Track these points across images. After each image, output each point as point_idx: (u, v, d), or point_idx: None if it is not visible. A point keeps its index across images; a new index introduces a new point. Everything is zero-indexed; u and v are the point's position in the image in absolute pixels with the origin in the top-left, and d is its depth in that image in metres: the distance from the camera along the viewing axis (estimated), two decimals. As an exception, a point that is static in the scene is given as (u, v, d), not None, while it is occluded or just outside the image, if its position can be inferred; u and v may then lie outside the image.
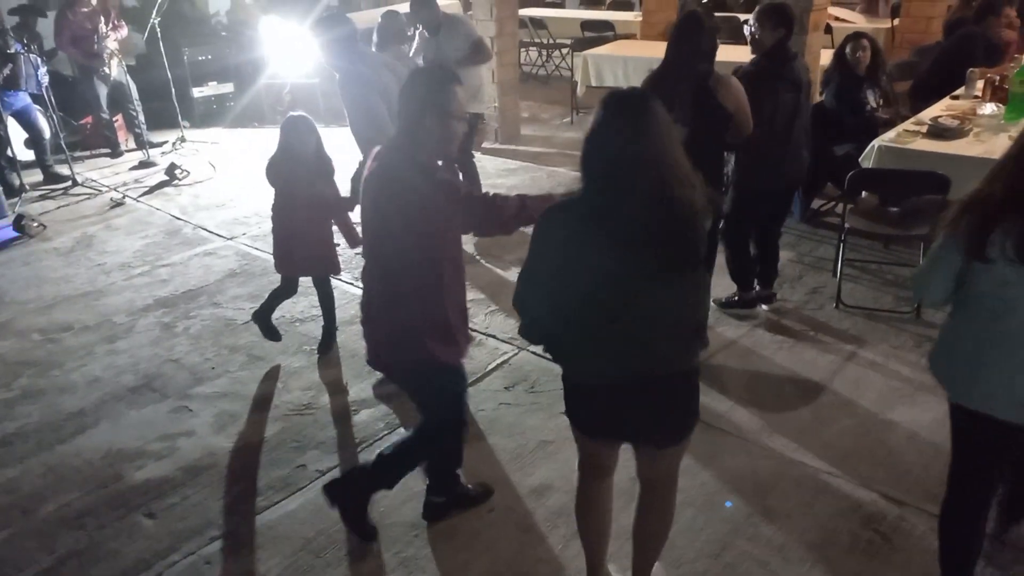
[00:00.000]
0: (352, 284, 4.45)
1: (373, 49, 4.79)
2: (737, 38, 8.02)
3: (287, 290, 3.82)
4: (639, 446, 2.12)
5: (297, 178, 3.49)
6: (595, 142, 1.85)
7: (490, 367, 3.68)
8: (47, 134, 6.75)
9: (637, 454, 2.15)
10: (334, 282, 3.94)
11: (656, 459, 2.14)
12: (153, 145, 7.35)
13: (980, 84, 5.15)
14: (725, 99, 3.25)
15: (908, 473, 2.88)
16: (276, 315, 4.24)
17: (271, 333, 3.86)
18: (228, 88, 8.54)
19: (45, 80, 6.39)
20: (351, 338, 3.89)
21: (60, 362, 3.90)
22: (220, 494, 2.96)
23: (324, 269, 3.75)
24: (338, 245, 3.75)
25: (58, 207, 6.15)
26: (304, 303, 4.38)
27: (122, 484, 3.01)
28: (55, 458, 3.18)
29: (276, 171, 3.54)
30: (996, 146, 4.24)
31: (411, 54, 5.30)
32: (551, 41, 9.65)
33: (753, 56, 3.66)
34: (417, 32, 5.31)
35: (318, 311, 4.26)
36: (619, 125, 1.81)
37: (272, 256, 3.82)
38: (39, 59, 6.40)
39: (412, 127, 2.25)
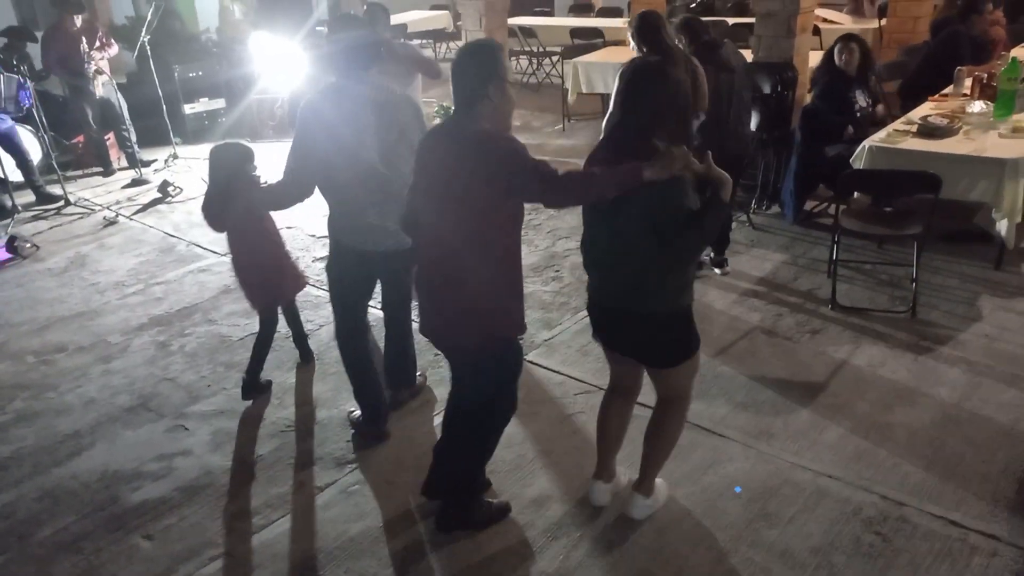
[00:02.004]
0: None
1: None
2: (733, 40, 8.09)
3: (268, 331, 3.58)
4: (642, 365, 2.57)
5: (232, 209, 3.29)
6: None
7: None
8: (37, 154, 6.74)
9: (647, 370, 2.59)
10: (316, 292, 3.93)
11: (654, 377, 2.57)
12: (145, 164, 7.34)
13: (968, 82, 5.17)
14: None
15: (909, 475, 2.87)
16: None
17: (261, 388, 3.64)
18: (219, 104, 8.54)
19: (27, 101, 6.37)
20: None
21: (55, 384, 3.88)
22: (218, 513, 2.93)
23: (293, 287, 3.63)
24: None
25: (51, 227, 6.13)
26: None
27: (119, 506, 2.99)
28: (51, 481, 3.15)
29: (212, 212, 3.33)
30: (986, 144, 4.27)
31: None
32: (541, 49, 9.68)
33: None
34: None
35: (314, 325, 4.27)
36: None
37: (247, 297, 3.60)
38: (23, 79, 6.38)
39: (472, 100, 2.24)
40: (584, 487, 2.88)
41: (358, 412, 3.34)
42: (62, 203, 6.54)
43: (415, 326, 2.77)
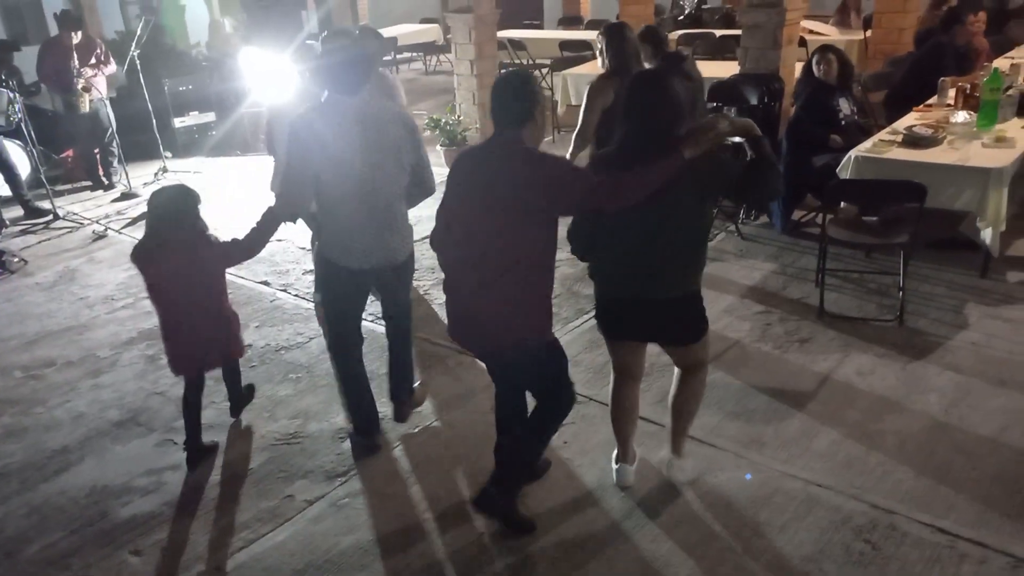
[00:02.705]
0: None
1: None
2: (714, 54, 8.17)
3: (194, 393, 3.24)
4: (663, 345, 2.76)
5: (168, 259, 2.98)
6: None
7: (479, 388, 3.66)
8: (26, 169, 6.72)
9: (666, 350, 2.78)
10: (307, 305, 3.92)
11: (681, 353, 2.75)
12: (110, 187, 7.28)
13: (952, 93, 5.24)
14: None
15: (899, 483, 2.88)
16: (261, 343, 4.23)
17: (204, 452, 3.29)
18: (210, 117, 8.55)
19: (16, 116, 6.35)
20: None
21: (43, 399, 3.86)
22: (207, 528, 2.92)
23: (227, 354, 3.28)
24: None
25: (39, 241, 6.11)
26: (289, 331, 4.37)
27: (107, 522, 2.97)
28: (39, 498, 3.13)
29: (142, 259, 3.02)
30: (970, 153, 4.32)
31: None
32: (531, 62, 9.74)
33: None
34: None
35: (303, 338, 4.27)
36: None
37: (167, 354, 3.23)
38: (12, 94, 6.37)
39: (520, 123, 2.44)
40: (579, 498, 2.89)
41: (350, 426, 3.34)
42: (51, 217, 6.52)
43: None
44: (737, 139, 2.48)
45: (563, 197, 2.41)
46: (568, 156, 4.01)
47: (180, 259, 2.99)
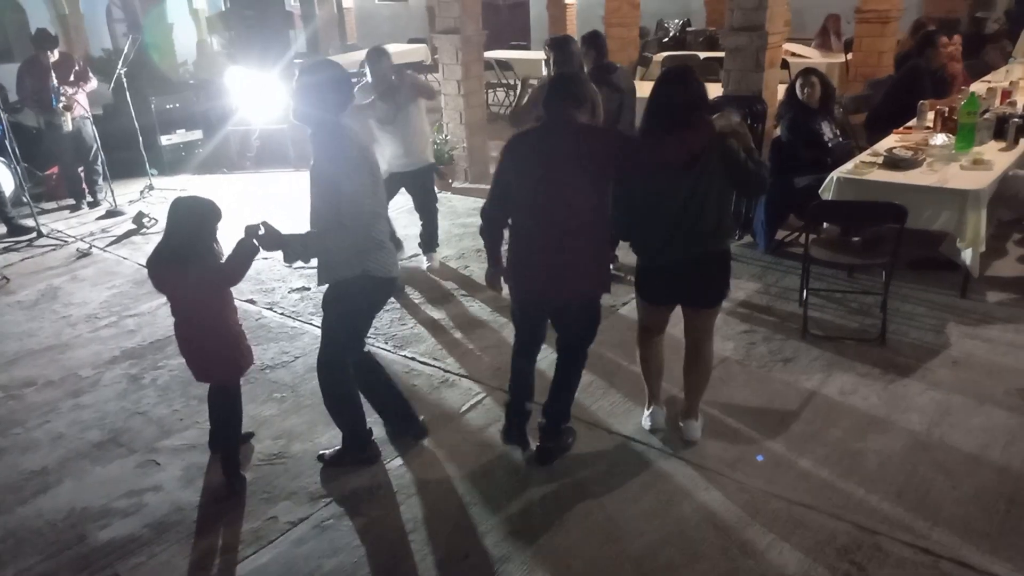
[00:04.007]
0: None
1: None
2: (703, 75, 8.27)
3: (218, 396, 3.23)
4: (687, 308, 3.18)
5: (180, 275, 2.95)
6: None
7: (463, 408, 3.66)
8: (10, 186, 6.67)
9: (685, 315, 3.20)
10: (292, 324, 3.91)
11: (697, 318, 3.18)
12: (95, 204, 7.26)
13: (931, 115, 5.33)
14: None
15: (881, 502, 2.89)
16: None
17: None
18: (196, 135, 8.55)
19: None
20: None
21: (22, 420, 3.80)
22: (188, 551, 2.88)
23: (233, 372, 3.18)
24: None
25: (22, 259, 6.06)
26: (274, 349, 4.34)
27: (85, 545, 2.92)
28: (15, 521, 3.07)
29: (158, 270, 3.01)
30: (948, 175, 4.39)
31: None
32: (516, 82, 9.82)
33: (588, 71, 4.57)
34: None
35: (288, 357, 4.24)
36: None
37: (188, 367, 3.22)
38: None
39: (578, 107, 2.91)
40: (577, 506, 2.90)
41: (327, 452, 3.33)
42: (34, 235, 6.47)
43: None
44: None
45: (626, 159, 2.88)
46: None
47: (187, 273, 2.94)
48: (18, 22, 15.07)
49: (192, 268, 2.93)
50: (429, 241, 5.36)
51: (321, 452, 3.35)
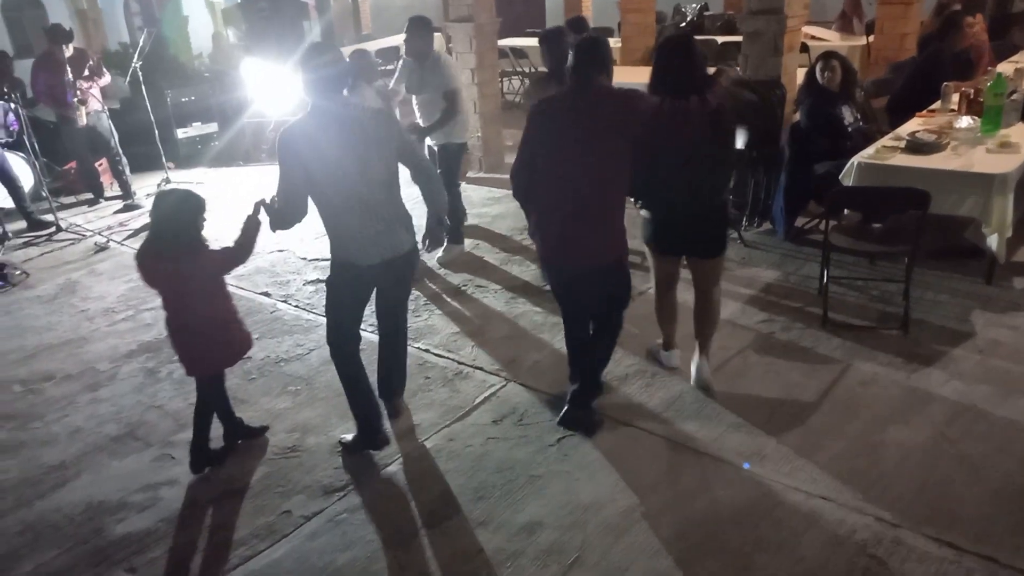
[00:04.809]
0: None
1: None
2: (717, 61, 8.14)
3: (211, 398, 3.28)
4: (692, 258, 3.43)
5: (166, 264, 2.98)
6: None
7: (477, 400, 3.64)
8: (29, 181, 6.74)
9: (691, 266, 3.44)
10: (307, 316, 3.90)
11: (704, 268, 3.41)
12: (127, 197, 7.30)
13: (955, 98, 5.19)
14: None
15: (902, 496, 2.83)
16: (260, 355, 4.21)
17: (212, 458, 3.30)
18: (212, 128, 8.58)
19: (14, 126, 6.38)
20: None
21: (41, 413, 3.84)
22: (203, 544, 2.89)
23: (228, 355, 3.24)
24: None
25: (41, 254, 6.12)
26: (289, 342, 4.34)
27: (102, 539, 2.94)
28: (33, 515, 3.10)
29: (147, 264, 3.01)
30: (974, 159, 4.27)
31: (392, 83, 5.36)
32: (533, 69, 9.73)
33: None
34: (401, 62, 5.38)
35: (303, 350, 4.24)
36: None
37: (180, 361, 3.25)
38: (12, 105, 6.40)
39: (603, 71, 3.03)
40: (575, 514, 2.86)
41: (348, 437, 3.33)
42: (53, 229, 6.54)
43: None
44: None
45: (656, 121, 2.98)
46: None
47: (178, 265, 2.97)
48: (37, 18, 15.23)
49: (184, 259, 2.96)
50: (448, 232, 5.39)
51: (342, 437, 3.38)
